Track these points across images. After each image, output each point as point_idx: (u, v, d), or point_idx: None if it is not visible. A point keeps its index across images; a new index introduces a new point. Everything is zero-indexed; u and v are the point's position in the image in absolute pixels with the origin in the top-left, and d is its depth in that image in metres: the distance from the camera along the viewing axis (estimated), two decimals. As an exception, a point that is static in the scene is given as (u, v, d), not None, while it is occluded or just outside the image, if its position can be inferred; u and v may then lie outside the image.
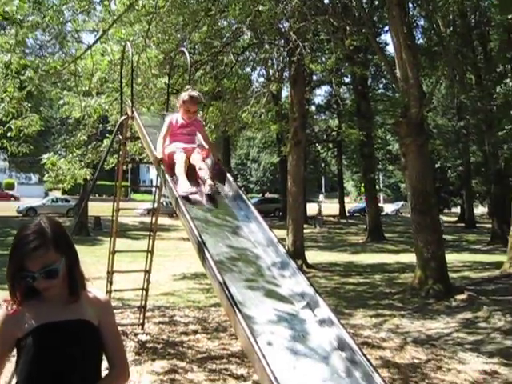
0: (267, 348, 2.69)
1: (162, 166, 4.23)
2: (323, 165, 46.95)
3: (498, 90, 22.03)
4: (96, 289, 2.20)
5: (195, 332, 7.73)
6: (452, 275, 11.96)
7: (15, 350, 2.03)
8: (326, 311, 3.06)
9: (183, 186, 3.89)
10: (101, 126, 12.58)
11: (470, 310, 9.51)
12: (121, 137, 6.14)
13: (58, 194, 45.86)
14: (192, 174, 4.10)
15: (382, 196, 50.18)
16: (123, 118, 5.71)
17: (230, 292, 2.93)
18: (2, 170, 51.29)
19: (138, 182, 66.77)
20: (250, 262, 3.44)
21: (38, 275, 1.94)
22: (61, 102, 11.30)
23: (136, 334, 7.27)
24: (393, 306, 10.09)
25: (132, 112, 5.42)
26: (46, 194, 49.09)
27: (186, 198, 3.82)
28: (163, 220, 26.68)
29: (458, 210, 42.64)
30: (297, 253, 14.82)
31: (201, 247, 3.31)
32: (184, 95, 4.36)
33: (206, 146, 4.37)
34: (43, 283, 1.96)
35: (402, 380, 5.63)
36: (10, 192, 53.66)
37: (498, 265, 15.10)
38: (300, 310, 3.11)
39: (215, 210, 3.87)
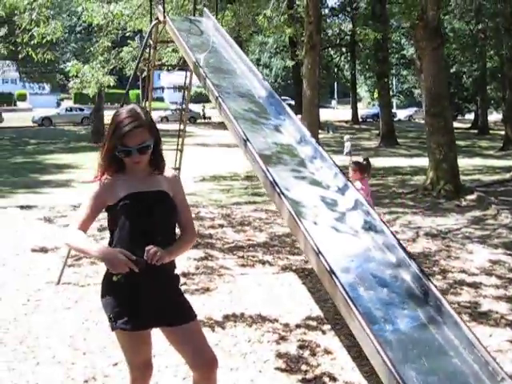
0: (312, 226, 3.19)
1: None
2: (336, 70, 46.20)
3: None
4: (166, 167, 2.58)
5: (221, 226, 8.41)
6: (463, 178, 12.38)
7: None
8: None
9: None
10: (120, 32, 12.63)
11: (478, 209, 9.99)
12: (151, 42, 6.36)
13: (70, 104, 45.78)
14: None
15: (395, 102, 49.62)
16: (154, 23, 5.93)
17: (273, 179, 3.39)
18: (14, 81, 50.77)
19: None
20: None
21: (134, 150, 2.34)
22: (79, 8, 11.35)
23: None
24: (405, 205, 10.58)
25: (164, 17, 5.63)
26: (59, 104, 48.97)
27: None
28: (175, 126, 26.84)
29: (471, 116, 42.09)
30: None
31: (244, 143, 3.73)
32: None
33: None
34: (137, 158, 2.37)
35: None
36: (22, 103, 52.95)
37: (509, 169, 15.48)
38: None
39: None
